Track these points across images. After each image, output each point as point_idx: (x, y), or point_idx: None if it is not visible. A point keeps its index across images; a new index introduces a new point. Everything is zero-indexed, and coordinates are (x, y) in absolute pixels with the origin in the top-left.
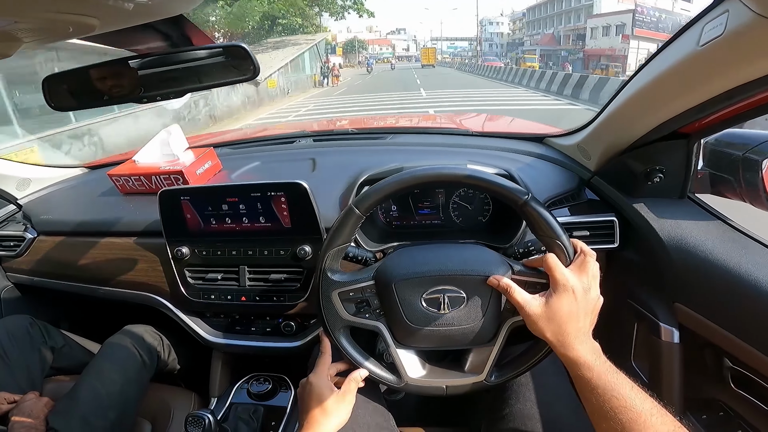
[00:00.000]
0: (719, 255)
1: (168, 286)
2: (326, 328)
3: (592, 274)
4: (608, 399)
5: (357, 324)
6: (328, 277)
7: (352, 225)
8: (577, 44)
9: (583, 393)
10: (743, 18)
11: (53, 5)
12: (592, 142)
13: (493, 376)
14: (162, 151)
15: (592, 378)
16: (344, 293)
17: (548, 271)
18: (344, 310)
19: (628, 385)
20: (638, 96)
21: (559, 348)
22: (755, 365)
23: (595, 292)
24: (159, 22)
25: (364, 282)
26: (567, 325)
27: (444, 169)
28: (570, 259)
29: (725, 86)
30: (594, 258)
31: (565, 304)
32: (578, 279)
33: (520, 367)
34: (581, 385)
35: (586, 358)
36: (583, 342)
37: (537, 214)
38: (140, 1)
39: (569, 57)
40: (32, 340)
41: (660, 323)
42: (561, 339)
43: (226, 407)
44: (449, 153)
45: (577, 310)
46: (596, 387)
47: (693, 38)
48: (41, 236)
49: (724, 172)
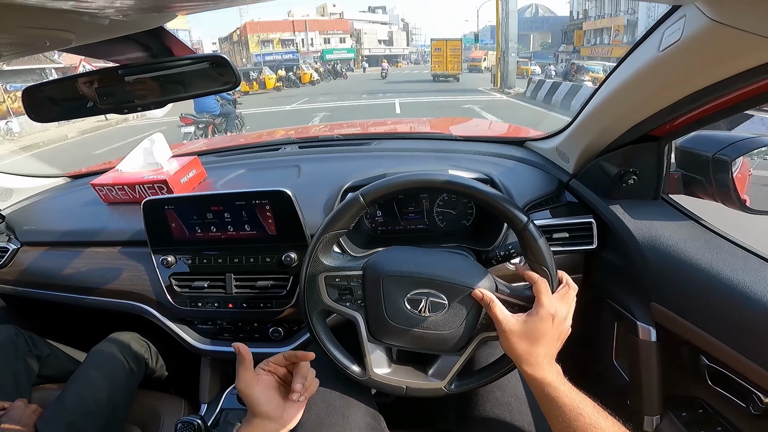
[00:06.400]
0: (692, 255)
1: (154, 295)
2: (304, 309)
3: (571, 305)
4: (575, 417)
5: (335, 310)
6: (318, 259)
7: (354, 213)
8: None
9: (549, 412)
10: (699, 23)
11: (29, 21)
12: (569, 145)
13: (453, 384)
14: (146, 159)
15: (558, 397)
16: (330, 278)
17: (536, 294)
18: (326, 295)
19: (590, 404)
20: (608, 100)
21: (525, 367)
22: (730, 362)
23: (568, 323)
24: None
25: (352, 270)
26: (538, 346)
27: (454, 178)
28: (554, 288)
29: (687, 90)
30: (575, 291)
31: (542, 327)
32: (560, 307)
33: (482, 379)
34: (548, 404)
35: (552, 378)
36: (550, 364)
37: (534, 240)
38: (114, 17)
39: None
40: (18, 349)
41: (637, 322)
42: (530, 359)
43: (217, 413)
44: (433, 158)
45: (551, 334)
46: (563, 406)
47: (654, 43)
48: (24, 247)
49: (695, 173)
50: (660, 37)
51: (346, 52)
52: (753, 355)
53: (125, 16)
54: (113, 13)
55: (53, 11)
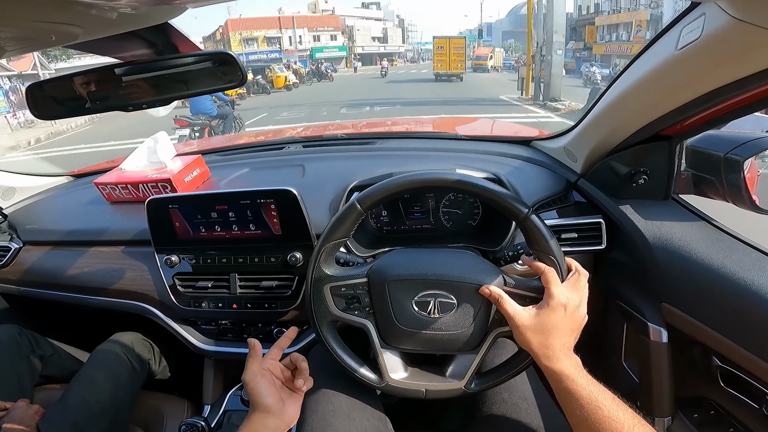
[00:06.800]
0: (703, 255)
1: (158, 295)
2: (313, 321)
3: (583, 293)
4: (592, 410)
5: (345, 320)
6: (321, 270)
7: (352, 220)
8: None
9: (566, 405)
10: (720, 21)
11: (36, 14)
12: (577, 144)
13: (473, 383)
14: (149, 158)
15: (576, 390)
16: (336, 288)
17: (545, 284)
18: (333, 305)
19: (609, 396)
20: (620, 99)
21: (543, 360)
22: (743, 363)
23: (583, 310)
24: (144, 30)
25: (357, 278)
26: (554, 338)
27: (448, 174)
28: (564, 277)
29: (703, 89)
30: (586, 278)
31: (555, 318)
32: (572, 296)
33: (500, 376)
34: (565, 397)
35: (570, 371)
36: (567, 356)
37: (537, 229)
38: (123, 10)
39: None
40: (21, 349)
41: (648, 323)
42: (546, 352)
43: (220, 414)
44: (439, 157)
45: (565, 325)
46: (580, 398)
47: (671, 42)
48: (27, 246)
49: (706, 173)
50: (678, 35)
51: (337, 50)
52: (766, 356)
53: (134, 9)
54: (122, 6)
55: (61, 3)
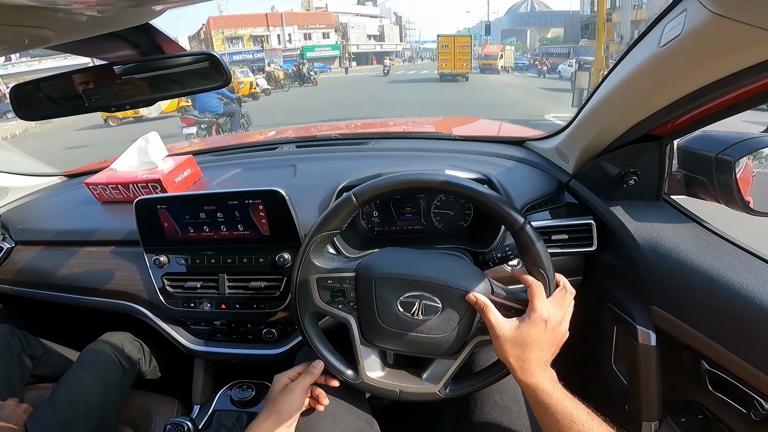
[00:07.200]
0: (693, 257)
1: (147, 295)
2: (295, 311)
3: (567, 309)
4: (567, 424)
5: (327, 312)
6: (310, 260)
7: (346, 213)
8: None
9: (542, 419)
10: (700, 17)
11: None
12: (569, 145)
13: (447, 388)
14: (140, 158)
15: (552, 404)
16: (322, 279)
17: (530, 298)
18: (318, 297)
19: (584, 411)
20: (609, 99)
21: (518, 373)
22: (731, 367)
23: (565, 327)
24: (125, 32)
25: (345, 272)
26: (531, 352)
27: (450, 178)
28: (551, 291)
29: (688, 88)
30: (573, 295)
31: (535, 332)
32: (554, 312)
33: (475, 384)
34: (540, 411)
35: (545, 385)
36: (543, 370)
37: (530, 242)
38: (90, 13)
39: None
40: (11, 348)
41: (637, 326)
42: (522, 365)
43: (209, 414)
44: (431, 158)
45: (544, 340)
46: (555, 413)
47: (655, 39)
48: (19, 246)
49: (697, 173)
50: (661, 32)
51: (330, 48)
52: (755, 360)
53: (101, 12)
54: (90, 9)
55: (25, 8)
